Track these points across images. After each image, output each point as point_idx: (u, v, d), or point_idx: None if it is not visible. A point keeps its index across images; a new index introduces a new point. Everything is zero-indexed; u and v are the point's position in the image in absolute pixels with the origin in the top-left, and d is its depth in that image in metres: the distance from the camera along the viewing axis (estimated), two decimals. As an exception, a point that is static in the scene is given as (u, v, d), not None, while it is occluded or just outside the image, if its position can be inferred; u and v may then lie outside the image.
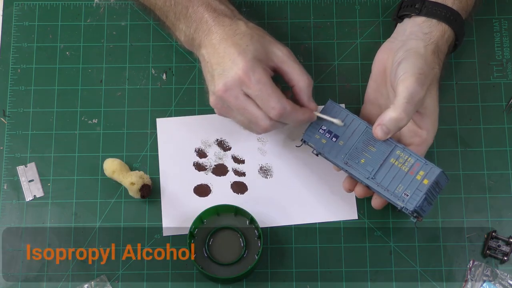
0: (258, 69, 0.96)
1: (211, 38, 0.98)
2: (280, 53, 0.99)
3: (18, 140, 1.11)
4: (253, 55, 0.96)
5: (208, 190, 1.09)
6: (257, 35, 0.98)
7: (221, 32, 0.98)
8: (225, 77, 0.96)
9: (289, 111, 0.97)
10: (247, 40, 0.97)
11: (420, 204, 0.96)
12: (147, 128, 1.11)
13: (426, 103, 0.99)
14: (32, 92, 1.13)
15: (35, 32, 1.15)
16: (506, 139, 1.11)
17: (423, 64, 0.98)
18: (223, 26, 0.98)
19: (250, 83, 0.95)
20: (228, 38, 0.97)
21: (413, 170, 0.97)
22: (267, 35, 1.00)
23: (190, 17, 1.00)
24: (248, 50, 0.96)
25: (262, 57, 0.97)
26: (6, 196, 1.08)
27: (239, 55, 0.95)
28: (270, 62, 0.98)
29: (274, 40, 1.00)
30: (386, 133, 0.96)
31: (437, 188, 0.97)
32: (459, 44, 1.06)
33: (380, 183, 0.98)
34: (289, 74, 0.99)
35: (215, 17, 0.99)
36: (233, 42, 0.97)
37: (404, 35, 1.03)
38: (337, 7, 1.17)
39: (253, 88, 0.95)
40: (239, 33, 0.97)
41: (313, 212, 1.08)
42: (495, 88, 1.13)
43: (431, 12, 1.03)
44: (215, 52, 0.97)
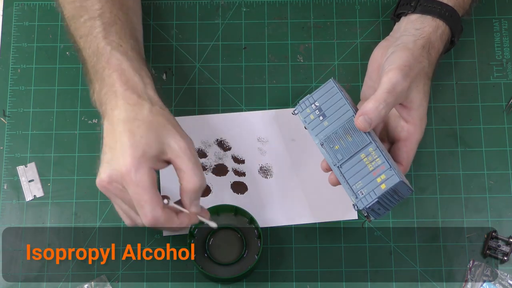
0: (142, 170, 0.91)
1: (114, 114, 0.94)
2: (177, 146, 0.94)
3: (18, 140, 1.11)
4: (142, 151, 0.92)
5: (208, 190, 1.09)
6: (156, 124, 0.94)
7: (123, 111, 0.94)
8: (110, 169, 0.92)
9: (162, 222, 0.93)
10: (142, 131, 0.93)
11: (371, 206, 0.95)
12: (147, 128, 1.11)
13: (411, 97, 0.99)
14: (32, 92, 1.13)
15: (35, 32, 1.15)
16: (506, 139, 1.11)
17: (409, 56, 0.99)
18: (128, 104, 0.94)
19: (129, 183, 0.92)
20: (127, 121, 0.93)
21: (376, 172, 0.96)
22: (169, 123, 0.95)
23: (104, 80, 0.97)
24: (139, 144, 0.92)
25: (154, 152, 0.93)
26: (6, 196, 1.08)
27: (129, 148, 0.92)
28: (163, 156, 0.94)
29: (175, 130, 0.95)
30: (368, 123, 0.96)
31: (396, 195, 0.96)
32: (456, 40, 1.06)
33: (343, 174, 0.98)
34: (180, 171, 0.95)
35: (124, 89, 0.95)
36: (129, 129, 0.93)
37: (398, 32, 1.04)
38: (337, 7, 1.17)
39: (131, 189, 0.92)
40: (139, 119, 0.93)
41: (313, 212, 1.08)
42: (495, 88, 1.13)
43: (425, 9, 1.03)
44: (112, 133, 0.94)
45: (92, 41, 0.99)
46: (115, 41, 0.98)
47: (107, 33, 0.99)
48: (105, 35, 0.99)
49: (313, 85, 1.13)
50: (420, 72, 0.99)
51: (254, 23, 1.16)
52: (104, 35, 0.99)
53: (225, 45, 1.15)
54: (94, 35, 0.99)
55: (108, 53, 0.97)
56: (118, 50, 0.98)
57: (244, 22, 1.16)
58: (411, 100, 0.99)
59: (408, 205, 1.08)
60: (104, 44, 0.98)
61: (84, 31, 1.00)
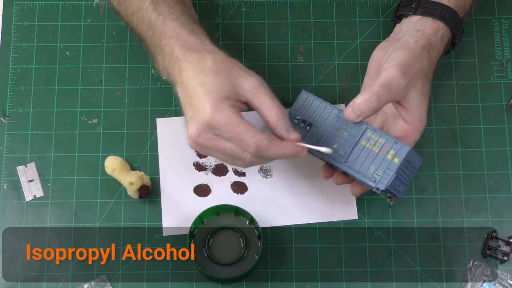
0: (224, 109, 0.93)
1: (182, 76, 0.96)
2: (249, 86, 0.95)
3: (18, 140, 1.11)
4: (219, 95, 0.93)
5: (208, 190, 1.09)
6: (224, 70, 0.95)
7: (189, 69, 0.95)
8: (195, 122, 0.94)
9: (265, 145, 0.93)
10: (212, 79, 0.94)
11: (392, 183, 0.95)
12: (147, 128, 1.11)
13: (409, 96, 0.99)
14: (32, 92, 1.13)
15: (35, 32, 1.15)
16: (506, 139, 1.11)
17: (409, 56, 0.99)
18: (191, 62, 0.96)
19: (219, 126, 0.93)
20: (195, 76, 0.95)
21: (383, 150, 0.97)
22: (235, 66, 0.96)
23: (164, 49, 0.99)
24: (213, 90, 0.93)
25: (229, 94, 0.94)
26: (6, 196, 1.08)
27: (205, 97, 0.93)
28: (240, 97, 0.95)
29: (243, 71, 0.96)
30: (357, 115, 0.97)
31: (410, 167, 0.97)
32: (457, 42, 1.06)
33: (352, 166, 0.98)
34: (260, 109, 0.95)
35: (184, 52, 0.96)
36: (200, 82, 0.94)
37: (399, 33, 1.04)
38: (337, 7, 1.17)
39: (223, 130, 0.93)
40: (206, 71, 0.95)
41: (313, 212, 1.08)
42: (495, 88, 1.13)
43: (426, 10, 1.04)
44: (186, 92, 0.95)
45: (144, 15, 1.01)
46: (165, 10, 1.00)
47: (156, 4, 1.01)
48: (155, 6, 1.00)
49: (313, 85, 1.13)
50: (419, 72, 0.99)
51: (254, 23, 1.16)
52: (154, 7, 1.00)
53: (225, 45, 1.14)
54: (144, 9, 1.01)
55: (161, 23, 0.99)
56: (169, 18, 0.99)
57: (244, 22, 1.16)
58: (409, 100, 0.99)
59: (408, 205, 1.08)
60: (156, 16, 1.00)
61: (134, 7, 1.02)
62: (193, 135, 0.94)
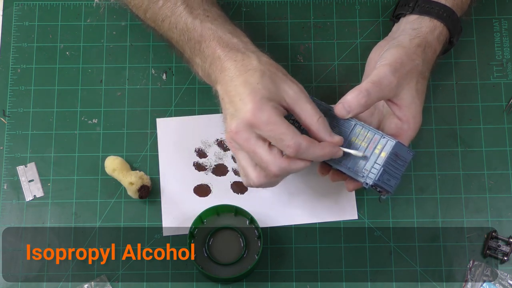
0: (267, 108, 0.93)
1: (225, 75, 0.96)
2: (292, 92, 0.96)
3: (18, 140, 1.11)
4: (262, 95, 0.94)
5: (208, 190, 1.09)
6: (269, 72, 0.96)
7: (233, 68, 0.96)
8: (236, 119, 0.94)
9: (305, 146, 0.94)
10: (257, 78, 0.95)
11: (380, 177, 0.95)
12: (147, 128, 1.11)
13: (402, 94, 0.99)
14: (32, 92, 1.13)
15: (35, 32, 1.15)
16: (506, 139, 1.11)
17: (402, 54, 0.99)
18: (235, 61, 0.96)
19: (260, 124, 0.93)
20: (239, 75, 0.95)
21: (371, 146, 0.97)
22: (279, 71, 0.97)
23: (204, 52, 0.99)
24: (257, 89, 0.94)
25: (273, 96, 0.94)
26: (6, 196, 1.08)
27: (249, 95, 0.93)
28: (282, 101, 0.95)
29: (286, 77, 0.97)
30: (347, 111, 0.97)
31: (399, 160, 0.96)
32: (455, 41, 1.06)
33: (342, 162, 0.98)
34: (301, 114, 0.96)
35: (227, 52, 0.97)
36: (244, 80, 0.95)
37: (396, 33, 1.05)
38: (337, 7, 1.17)
39: (264, 129, 0.93)
40: (251, 69, 0.95)
41: (313, 212, 1.08)
42: (495, 88, 1.13)
43: (423, 9, 1.04)
44: (228, 90, 0.96)
45: (178, 20, 1.01)
46: (201, 14, 1.00)
47: (191, 8, 1.01)
48: (190, 10, 1.01)
49: (313, 85, 1.13)
50: (413, 70, 0.99)
51: (254, 23, 1.16)
52: (189, 11, 1.01)
53: (225, 45, 1.15)
54: (178, 13, 1.01)
55: (199, 26, 0.99)
56: (207, 21, 1.00)
57: (244, 22, 1.16)
58: (401, 97, 0.99)
59: (408, 205, 1.08)
60: (192, 19, 1.00)
61: (166, 12, 1.02)
62: (232, 131, 0.94)
